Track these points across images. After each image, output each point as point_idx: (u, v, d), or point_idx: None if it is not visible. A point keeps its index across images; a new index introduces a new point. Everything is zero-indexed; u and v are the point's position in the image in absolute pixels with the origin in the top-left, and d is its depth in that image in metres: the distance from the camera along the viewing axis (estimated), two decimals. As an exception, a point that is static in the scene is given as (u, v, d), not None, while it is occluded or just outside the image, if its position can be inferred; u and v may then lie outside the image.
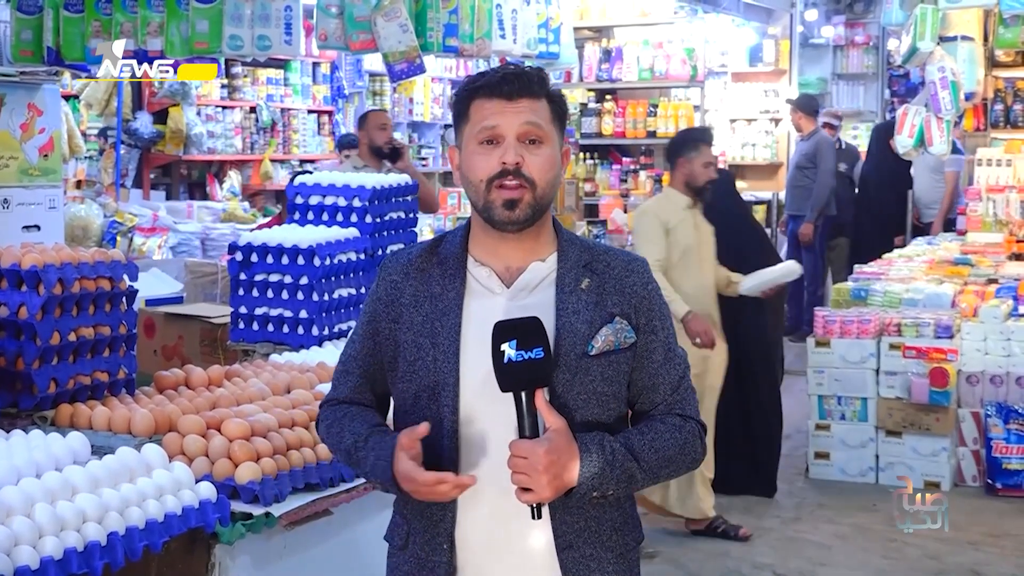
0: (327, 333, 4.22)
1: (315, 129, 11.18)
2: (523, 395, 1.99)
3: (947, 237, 8.81)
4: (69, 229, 7.49)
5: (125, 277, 3.34)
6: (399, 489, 2.07)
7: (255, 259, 4.28)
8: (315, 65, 11.16)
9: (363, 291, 4.38)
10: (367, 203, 4.58)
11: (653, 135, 10.12)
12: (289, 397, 3.35)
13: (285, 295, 4.24)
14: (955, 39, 6.75)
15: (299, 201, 4.69)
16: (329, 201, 4.64)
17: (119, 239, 8.00)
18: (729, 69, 12.35)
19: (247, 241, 4.34)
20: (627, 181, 10.41)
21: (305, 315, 4.19)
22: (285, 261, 4.21)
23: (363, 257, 4.43)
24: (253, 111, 10.49)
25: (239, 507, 2.84)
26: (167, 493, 2.67)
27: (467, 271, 2.15)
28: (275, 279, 4.26)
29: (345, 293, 4.32)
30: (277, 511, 2.87)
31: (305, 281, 4.19)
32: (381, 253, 4.55)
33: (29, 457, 2.62)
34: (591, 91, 10.62)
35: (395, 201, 4.76)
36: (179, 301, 5.69)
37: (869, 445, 6.29)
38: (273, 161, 10.56)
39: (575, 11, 9.73)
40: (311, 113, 11.13)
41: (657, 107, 10.08)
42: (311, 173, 5.34)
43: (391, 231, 4.73)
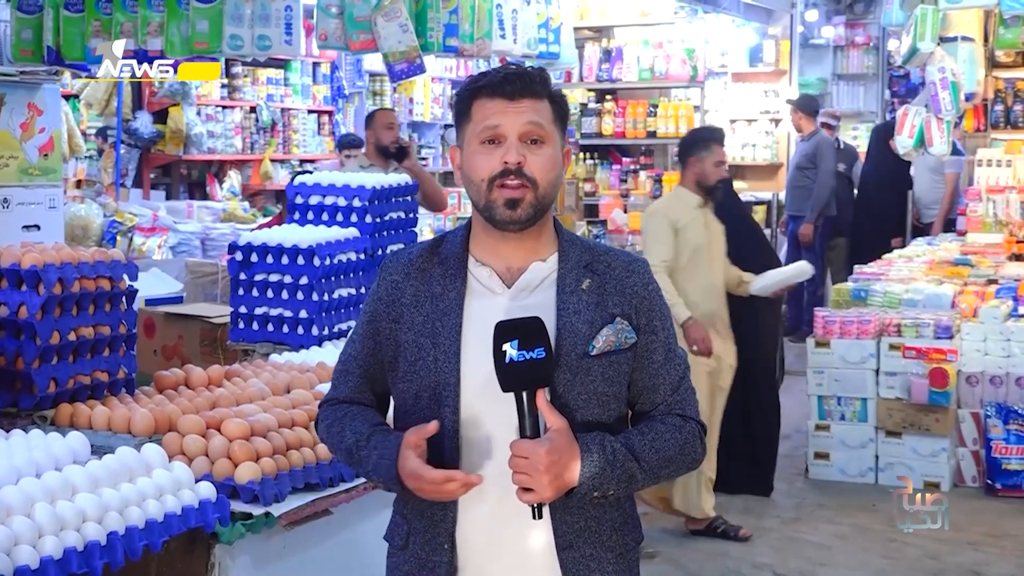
0: (327, 333, 4.22)
1: (315, 129, 11.18)
2: (524, 395, 1.99)
3: (947, 238, 8.80)
4: (69, 229, 7.49)
5: (125, 277, 3.34)
6: (402, 487, 2.07)
7: (255, 259, 4.28)
8: (315, 65, 11.16)
9: (363, 291, 4.37)
10: (367, 203, 4.57)
11: (653, 135, 10.11)
12: (289, 397, 3.35)
13: (285, 295, 4.24)
14: (955, 39, 6.75)
15: (299, 201, 4.69)
16: (329, 201, 4.63)
17: (119, 239, 8.00)
18: (729, 69, 12.34)
19: (247, 241, 4.34)
20: (627, 181, 10.40)
21: (305, 315, 4.19)
22: (285, 261, 4.21)
23: (363, 257, 4.43)
24: (253, 111, 10.49)
25: (239, 507, 2.84)
26: (167, 493, 2.67)
27: (468, 271, 2.15)
28: (275, 279, 4.26)
29: (345, 293, 4.32)
30: (277, 511, 2.87)
31: (305, 281, 4.19)
32: (381, 253, 4.55)
33: (29, 457, 2.62)
34: (591, 91, 10.61)
35: (395, 201, 4.76)
36: (179, 301, 5.69)
37: (869, 445, 6.29)
38: (273, 161, 10.56)
39: (575, 11, 9.72)
40: (311, 113, 11.13)
41: (657, 107, 10.07)
42: (311, 173, 5.34)
43: (391, 231, 4.73)
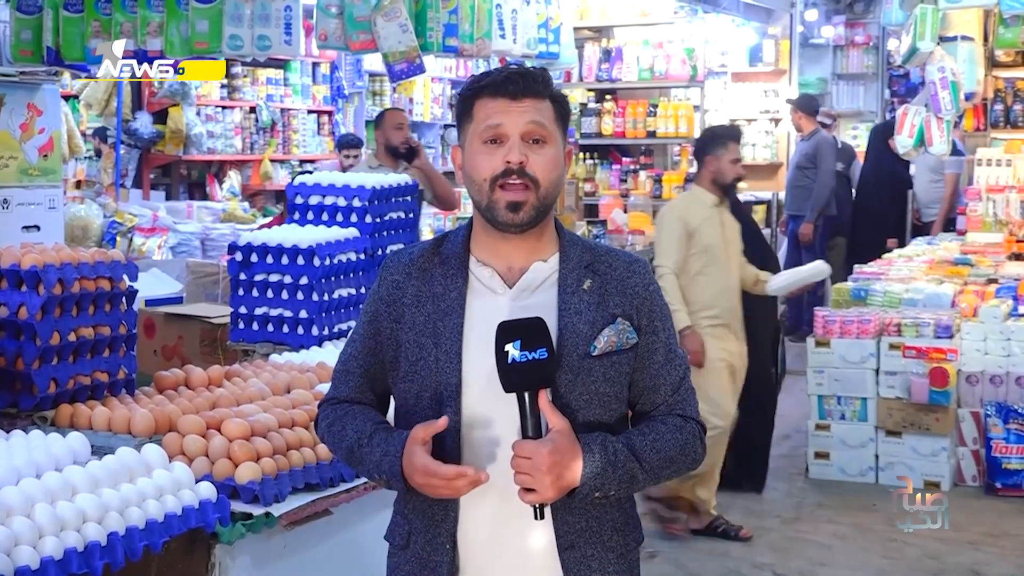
0: (327, 333, 4.22)
1: (315, 129, 11.18)
2: (526, 396, 1.99)
3: (947, 237, 8.80)
4: (69, 229, 7.49)
5: (125, 277, 3.34)
6: (404, 485, 2.06)
7: (255, 259, 4.28)
8: (315, 65, 11.16)
9: (363, 291, 4.37)
10: (367, 203, 4.57)
11: (653, 135, 10.10)
12: (289, 397, 3.35)
13: (285, 295, 4.23)
14: (955, 39, 6.75)
15: (299, 201, 4.69)
16: (329, 201, 4.63)
17: (119, 239, 8.01)
18: (729, 69, 12.34)
19: (247, 241, 4.33)
20: (627, 181, 10.40)
21: (305, 315, 4.19)
22: (285, 261, 4.21)
23: (363, 257, 4.43)
24: (253, 111, 10.49)
25: (239, 507, 2.84)
26: (167, 493, 2.67)
27: (469, 271, 2.14)
28: (275, 279, 4.26)
29: (345, 293, 4.32)
30: (277, 511, 2.87)
31: (305, 281, 4.19)
32: (381, 253, 4.55)
33: (29, 457, 2.61)
34: (591, 91, 10.61)
35: (395, 201, 4.76)
36: (179, 301, 5.68)
37: (869, 445, 6.29)
38: (273, 161, 10.56)
39: (575, 11, 9.72)
40: (311, 113, 11.13)
41: (657, 107, 10.06)
42: (311, 173, 5.34)
43: (391, 231, 4.72)
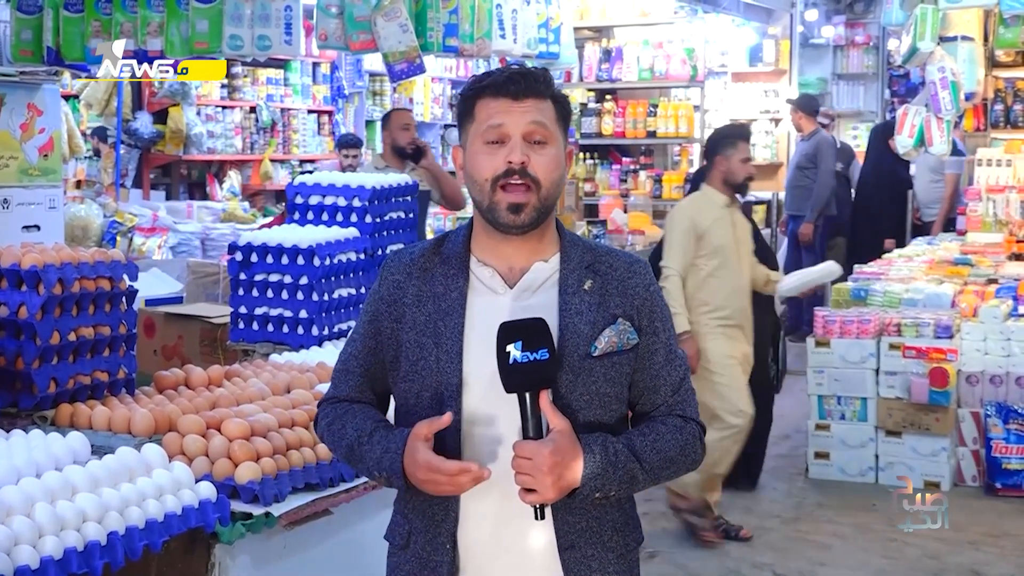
0: (327, 333, 4.22)
1: (315, 129, 11.19)
2: (528, 396, 1.99)
3: (947, 237, 8.80)
4: (69, 229, 7.50)
5: (125, 277, 3.34)
6: (405, 482, 2.06)
7: (255, 259, 4.28)
8: (315, 65, 11.16)
9: (363, 291, 4.37)
10: (367, 203, 4.57)
11: (653, 135, 10.11)
12: (289, 397, 3.35)
13: (285, 295, 4.23)
14: (955, 39, 6.75)
15: (299, 201, 4.69)
16: (329, 201, 4.63)
17: (119, 239, 8.01)
18: (729, 69, 12.35)
19: (247, 241, 4.34)
20: (627, 181, 10.41)
21: (305, 315, 4.19)
22: (285, 261, 4.21)
23: (363, 257, 4.43)
24: (253, 111, 10.49)
25: (239, 507, 2.84)
26: (167, 493, 2.67)
27: (470, 271, 2.14)
28: (275, 279, 4.26)
29: (345, 293, 4.32)
30: (277, 511, 2.87)
31: (305, 281, 4.19)
32: (381, 253, 4.55)
33: (29, 457, 2.61)
34: (591, 91, 10.62)
35: (395, 201, 4.76)
36: (179, 301, 5.68)
37: (869, 445, 6.29)
38: (273, 161, 10.56)
39: (575, 11, 9.73)
40: (311, 113, 11.14)
41: (657, 107, 10.07)
42: (311, 173, 5.34)
43: (391, 231, 4.72)
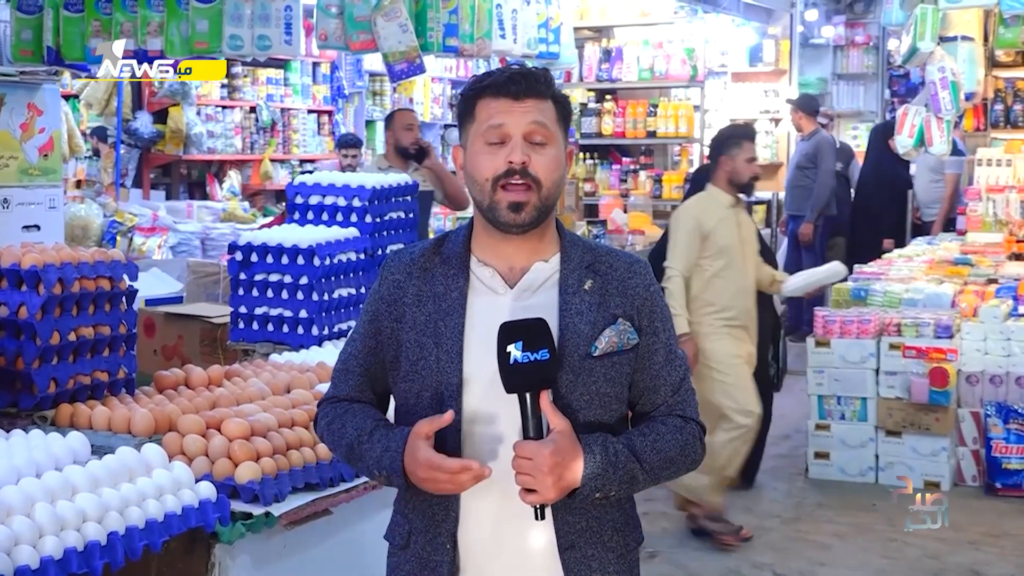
0: (327, 333, 4.22)
1: (315, 129, 11.19)
2: (528, 396, 1.99)
3: (947, 237, 8.80)
4: (69, 229, 7.50)
5: (125, 277, 3.34)
6: (405, 480, 2.06)
7: (255, 259, 4.28)
8: (315, 65, 11.16)
9: (363, 291, 4.37)
10: (367, 203, 4.57)
11: (653, 135, 10.12)
12: (289, 397, 3.35)
13: (285, 295, 4.24)
14: (955, 39, 6.75)
15: (299, 201, 4.69)
16: (329, 201, 4.63)
17: (119, 239, 8.01)
18: (729, 69, 12.35)
19: (247, 241, 4.34)
20: (627, 181, 10.41)
21: (305, 315, 4.19)
22: (285, 261, 4.21)
23: (363, 257, 4.43)
24: (253, 111, 10.49)
25: (239, 507, 2.84)
26: (167, 493, 2.67)
27: (470, 271, 2.14)
28: (275, 279, 4.26)
29: (345, 293, 4.32)
30: (277, 511, 2.87)
31: (305, 281, 4.19)
32: (381, 253, 4.55)
33: (29, 457, 2.61)
34: (591, 91, 10.62)
35: (395, 201, 4.76)
36: (179, 301, 5.69)
37: (869, 445, 6.29)
38: (273, 161, 10.57)
39: (575, 11, 9.73)
40: (311, 113, 11.14)
41: (657, 107, 10.08)
42: (311, 173, 5.34)
43: (391, 231, 4.72)
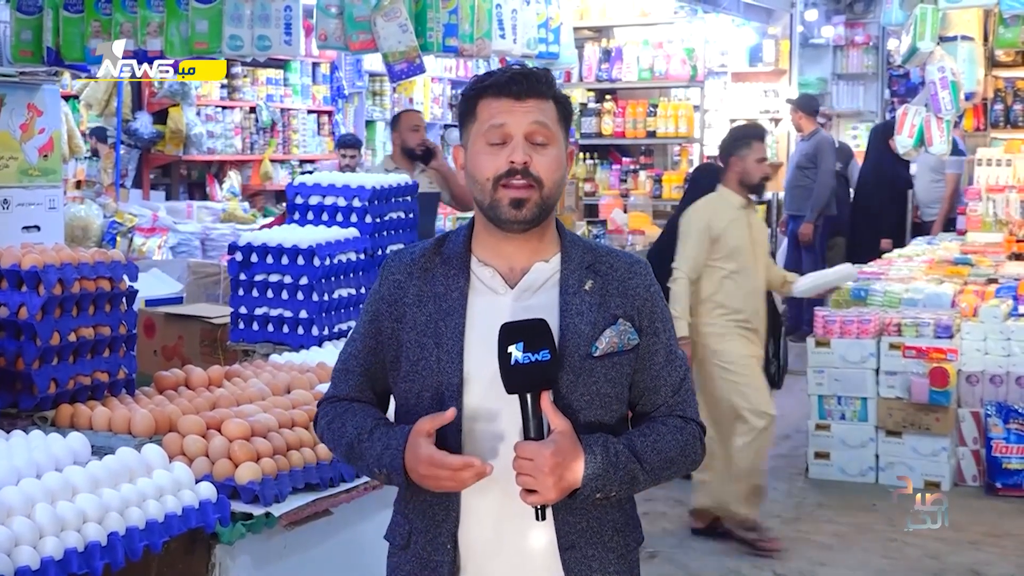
0: (327, 333, 4.22)
1: (315, 129, 11.19)
2: (529, 397, 1.99)
3: (947, 237, 8.80)
4: (69, 229, 7.49)
5: (125, 277, 3.34)
6: (406, 478, 2.06)
7: (255, 259, 4.28)
8: (315, 65, 11.16)
9: (363, 291, 4.37)
10: (367, 203, 4.57)
11: (653, 135, 10.12)
12: (289, 397, 3.35)
13: (285, 295, 4.23)
14: (955, 39, 6.75)
15: (299, 201, 4.69)
16: (329, 201, 4.63)
17: (119, 239, 8.01)
18: (729, 69, 12.36)
19: (247, 241, 4.34)
20: (627, 181, 10.41)
21: (305, 315, 4.19)
22: (285, 261, 4.21)
23: (363, 257, 4.43)
24: (253, 111, 10.49)
25: (239, 507, 2.84)
26: (167, 493, 2.67)
27: (471, 271, 2.14)
28: (275, 279, 4.26)
29: (345, 293, 4.32)
30: (277, 511, 2.87)
31: (305, 281, 4.19)
32: (381, 253, 4.55)
33: (29, 457, 2.61)
34: (591, 91, 10.62)
35: (395, 201, 4.76)
36: (179, 301, 5.68)
37: (869, 445, 6.29)
38: (273, 161, 10.57)
39: (575, 11, 9.73)
40: (311, 113, 11.14)
41: (657, 107, 10.08)
42: (311, 173, 5.34)
43: (391, 231, 4.72)
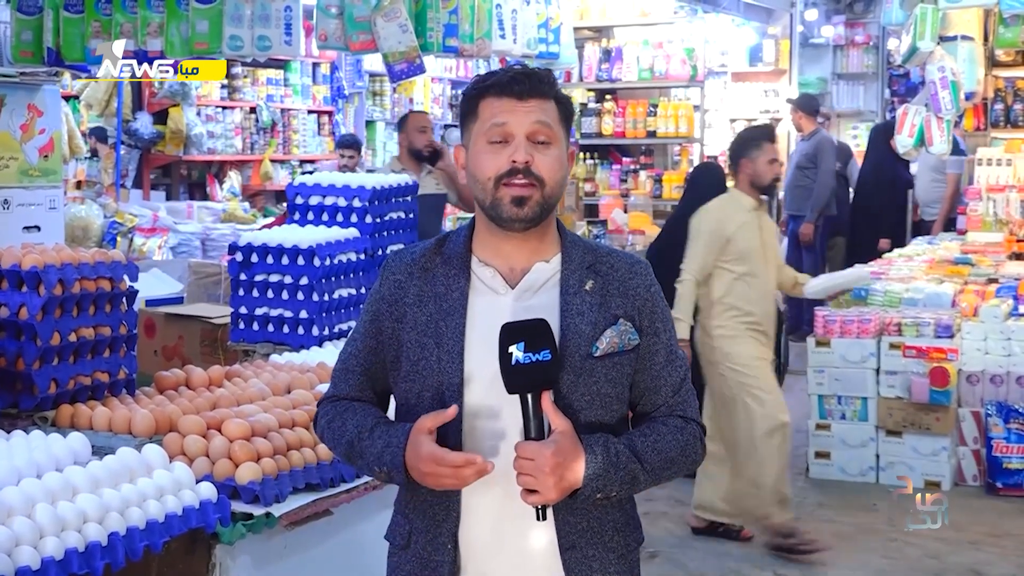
0: (327, 333, 4.22)
1: (315, 129, 11.19)
2: (529, 397, 1.99)
3: (947, 237, 8.81)
4: (69, 230, 7.50)
5: (125, 277, 3.34)
6: (406, 476, 2.06)
7: (255, 259, 4.29)
8: (315, 65, 11.17)
9: (363, 291, 4.38)
10: (367, 203, 4.58)
11: (653, 135, 10.12)
12: (289, 397, 3.35)
13: (285, 295, 4.24)
14: (955, 39, 6.75)
15: (299, 201, 4.69)
16: (329, 201, 4.63)
17: (119, 239, 8.01)
18: (729, 69, 12.37)
19: (247, 241, 4.34)
20: (627, 181, 10.41)
21: (305, 315, 4.19)
22: (285, 261, 4.22)
23: (363, 257, 4.43)
24: (253, 111, 10.49)
25: (239, 507, 2.84)
26: (167, 493, 2.67)
27: (471, 271, 2.14)
28: (275, 279, 4.26)
29: (345, 293, 4.32)
30: (277, 511, 2.87)
31: (305, 281, 4.19)
32: (381, 253, 4.55)
33: (30, 458, 2.61)
34: (591, 91, 10.62)
35: (395, 201, 4.76)
36: (179, 301, 5.69)
37: (869, 445, 6.29)
38: (273, 161, 10.57)
39: (575, 11, 9.73)
40: (311, 113, 11.14)
41: (657, 107, 10.08)
42: (311, 173, 5.34)
43: (391, 231, 4.73)
